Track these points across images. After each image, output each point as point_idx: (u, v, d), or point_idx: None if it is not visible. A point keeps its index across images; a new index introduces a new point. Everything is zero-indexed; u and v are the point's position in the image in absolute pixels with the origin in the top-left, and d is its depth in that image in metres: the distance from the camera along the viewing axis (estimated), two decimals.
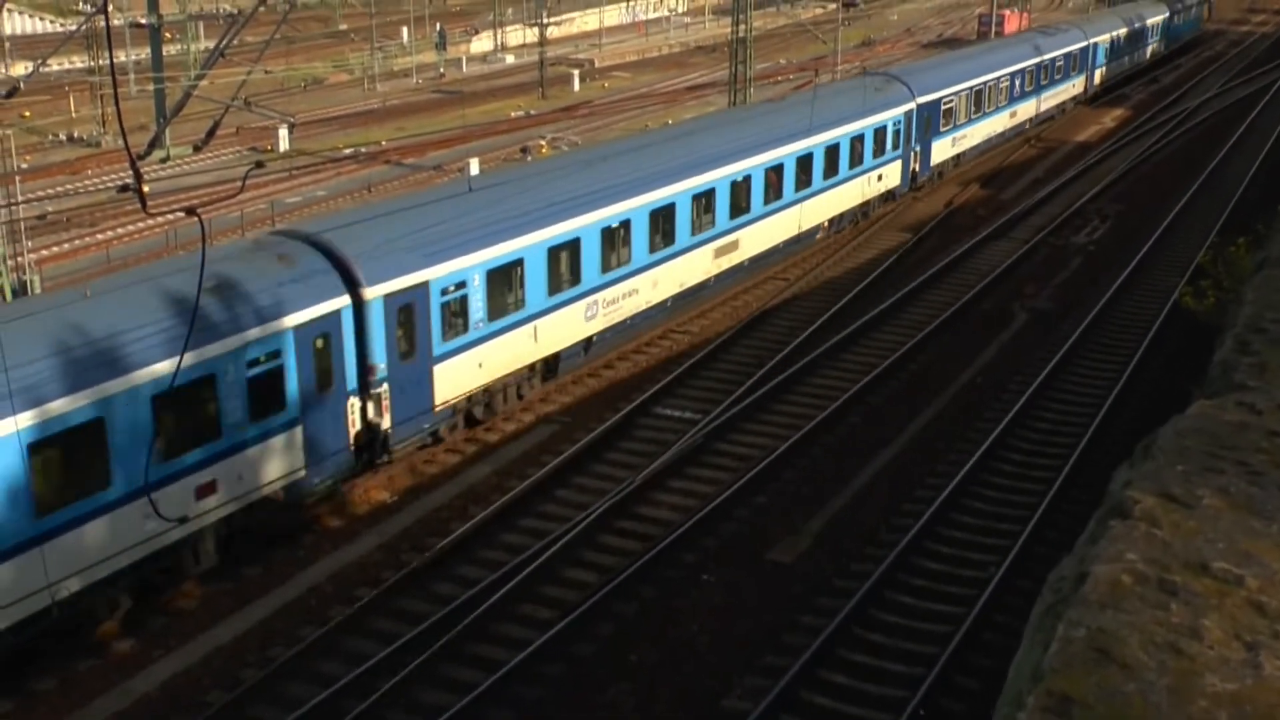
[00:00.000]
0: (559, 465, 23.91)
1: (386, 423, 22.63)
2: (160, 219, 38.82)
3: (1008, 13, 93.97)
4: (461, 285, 23.80)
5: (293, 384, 20.72)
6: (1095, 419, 25.33)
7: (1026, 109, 55.06)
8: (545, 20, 78.49)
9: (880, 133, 40.54)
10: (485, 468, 24.53)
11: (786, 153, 34.92)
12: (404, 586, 19.91)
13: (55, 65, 71.07)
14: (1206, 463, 9.01)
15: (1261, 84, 71.64)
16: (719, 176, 31.72)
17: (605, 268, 27.82)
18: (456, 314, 23.82)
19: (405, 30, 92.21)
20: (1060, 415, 26.36)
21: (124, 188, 14.27)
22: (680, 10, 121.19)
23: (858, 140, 38.96)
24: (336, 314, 21.30)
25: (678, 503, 22.62)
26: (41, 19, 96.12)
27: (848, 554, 20.93)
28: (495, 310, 24.76)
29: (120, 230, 42.81)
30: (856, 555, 20.84)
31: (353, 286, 21.66)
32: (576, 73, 77.57)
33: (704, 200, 31.14)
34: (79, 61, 73.50)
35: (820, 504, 22.71)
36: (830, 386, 27.85)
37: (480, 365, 24.68)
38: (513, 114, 66.26)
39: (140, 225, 42.37)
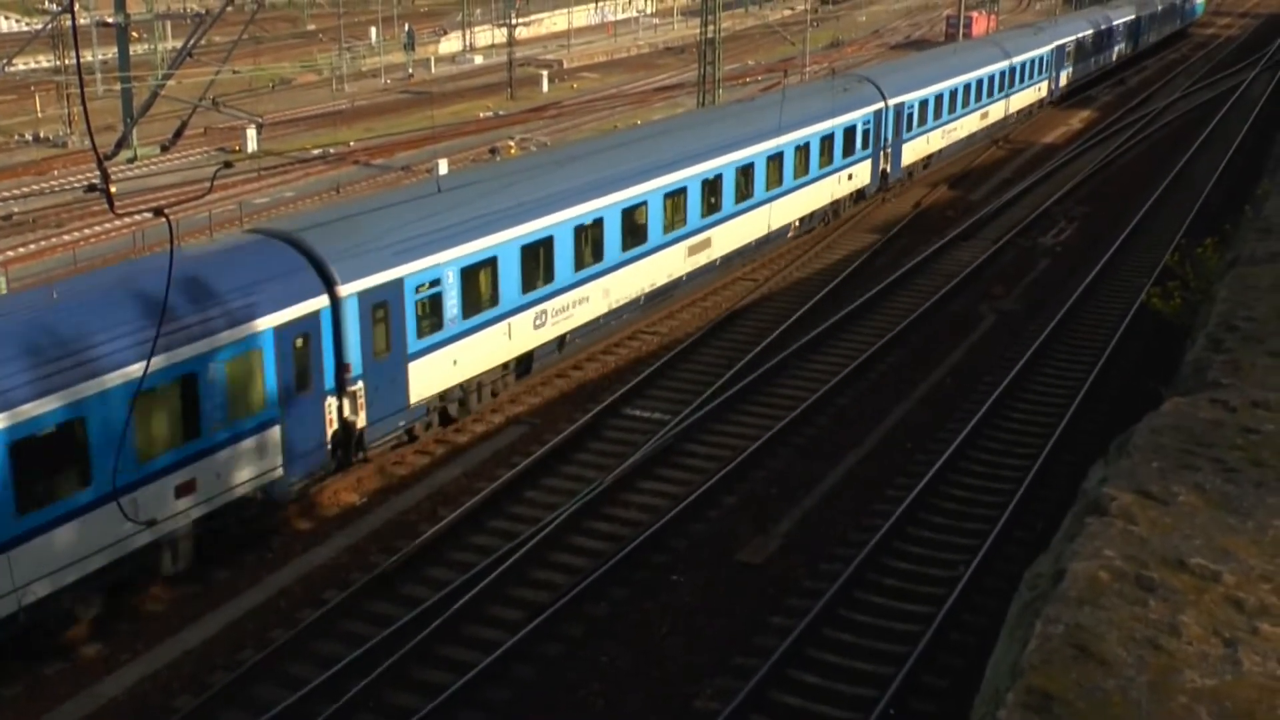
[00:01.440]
0: (528, 466, 23.83)
1: (888, 169, 45.22)
2: (128, 220, 38.53)
3: (975, 14, 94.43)
4: (913, 107, 46.25)
5: (859, 140, 42.06)
6: (1063, 420, 25.43)
7: (1109, 56, 77.33)
8: (514, 21, 78.40)
9: (1040, 60, 62.82)
10: (455, 469, 24.44)
11: (1010, 63, 57.83)
12: (373, 589, 19.79)
13: (21, 65, 70.48)
14: (1182, 459, 9.01)
15: (1226, 86, 72.16)
16: (989, 71, 55.15)
17: (950, 111, 50.34)
18: (914, 120, 46.60)
19: (373, 30, 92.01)
20: (1028, 416, 26.46)
21: (91, 188, 14.14)
22: (649, 11, 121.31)
23: (1024, 65, 60.20)
24: (879, 111, 43.30)
25: (647, 503, 22.58)
26: (6, 18, 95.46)
27: (817, 555, 20.92)
28: (920, 123, 47.25)
29: (87, 231, 42.50)
30: (826, 556, 20.84)
31: (883, 100, 43.51)
32: (545, 73, 77.48)
33: (977, 87, 53.70)
34: (45, 61, 73.07)
35: (790, 505, 22.70)
36: (799, 388, 27.86)
37: (916, 152, 47.62)
38: (481, 115, 66.15)
39: (107, 226, 42.07)
